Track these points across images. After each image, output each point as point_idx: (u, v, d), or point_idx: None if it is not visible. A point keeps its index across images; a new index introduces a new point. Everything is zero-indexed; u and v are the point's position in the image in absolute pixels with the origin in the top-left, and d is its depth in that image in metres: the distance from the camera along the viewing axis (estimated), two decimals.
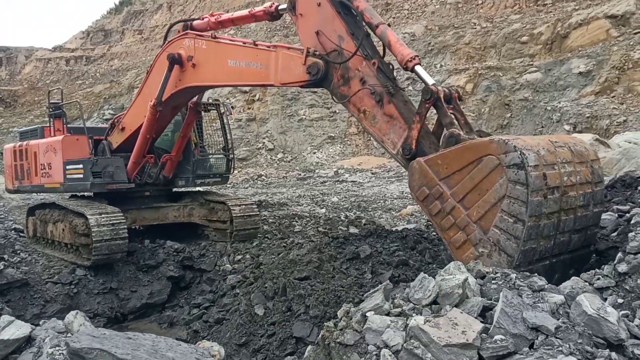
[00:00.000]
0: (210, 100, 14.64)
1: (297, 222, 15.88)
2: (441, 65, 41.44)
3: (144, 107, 11.55)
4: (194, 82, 10.52)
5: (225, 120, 13.83)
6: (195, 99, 12.47)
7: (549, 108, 33.50)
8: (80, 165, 12.31)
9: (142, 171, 12.82)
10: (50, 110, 14.02)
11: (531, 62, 37.45)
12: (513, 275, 5.37)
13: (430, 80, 7.20)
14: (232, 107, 15.41)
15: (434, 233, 11.81)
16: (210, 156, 13.81)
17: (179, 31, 11.00)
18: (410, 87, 40.43)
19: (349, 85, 7.78)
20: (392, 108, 7.47)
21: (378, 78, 7.57)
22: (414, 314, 4.77)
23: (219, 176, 13.98)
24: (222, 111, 13.78)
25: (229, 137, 13.82)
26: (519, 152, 5.81)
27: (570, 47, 36.48)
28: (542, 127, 33.10)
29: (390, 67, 7.91)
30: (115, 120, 13.02)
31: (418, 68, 7.33)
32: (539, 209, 5.92)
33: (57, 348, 4.47)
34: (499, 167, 5.96)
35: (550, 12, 42.73)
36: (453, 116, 7.12)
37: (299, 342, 7.72)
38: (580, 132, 28.48)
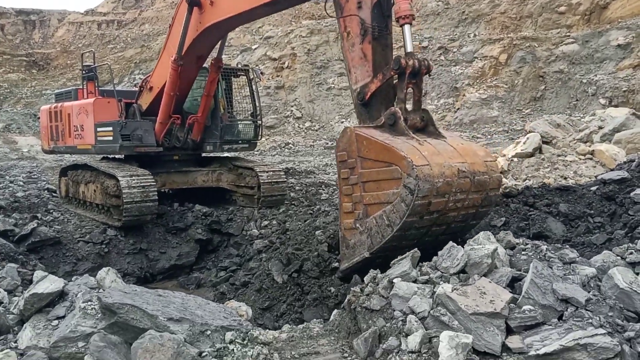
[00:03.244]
0: (240, 66, 14.57)
1: (323, 190, 15.87)
2: (475, 35, 40.57)
3: (169, 64, 11.57)
4: (214, 19, 10.38)
5: (254, 87, 13.77)
6: (216, 54, 12.38)
7: (584, 81, 32.64)
8: (110, 128, 12.44)
9: (170, 134, 12.88)
10: (84, 73, 14.13)
11: (568, 33, 36.40)
12: (544, 247, 5.31)
13: (409, 47, 7.35)
14: (262, 74, 15.25)
15: None
16: (238, 122, 13.78)
17: None
18: (442, 57, 39.79)
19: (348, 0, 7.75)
20: (369, 50, 7.61)
21: (372, 13, 7.56)
22: (441, 282, 4.75)
23: (246, 142, 13.97)
24: (252, 77, 13.72)
25: (257, 104, 13.76)
26: (416, 182, 6.46)
27: (609, 18, 35.31)
28: (577, 100, 32.32)
29: (392, 2, 7.73)
30: (144, 82, 13.06)
31: (406, 28, 7.35)
32: (410, 225, 6.77)
33: (89, 303, 4.57)
34: (400, 180, 6.69)
35: None
36: (412, 90, 7.55)
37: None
38: (616, 106, 27.71)
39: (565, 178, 15.03)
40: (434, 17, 44.31)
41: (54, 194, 15.52)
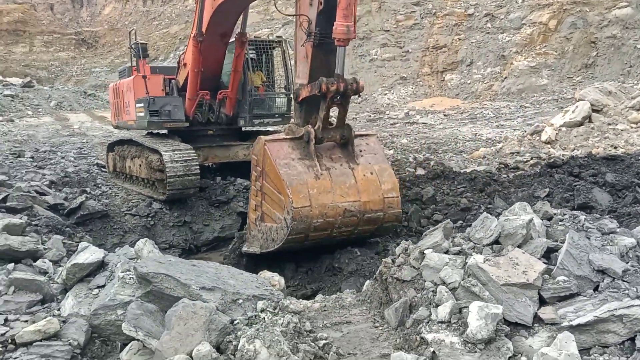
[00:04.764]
0: (272, 39, 14.49)
1: None
2: (522, 0, 39.18)
3: None
4: None
5: (287, 59, 13.65)
6: (239, 28, 12.28)
7: (638, 46, 31.20)
8: (142, 104, 12.68)
9: (201, 109, 13.00)
10: (133, 50, 14.30)
11: None
12: (582, 217, 5.17)
13: (339, 70, 7.39)
14: None
15: (505, 175, 11.51)
16: (269, 95, 13.66)
17: None
18: (488, 24, 38.71)
19: None
20: (310, 53, 7.71)
21: (318, 18, 7.47)
22: (473, 253, 4.70)
23: (280, 116, 13.84)
24: (284, 49, 13.61)
25: (290, 76, 13.62)
26: (292, 221, 7.22)
27: None
28: (630, 66, 30.96)
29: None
30: (181, 58, 13.19)
31: (340, 50, 7.34)
32: (290, 247, 7.72)
33: (127, 272, 4.73)
34: (284, 210, 7.48)
35: None
36: (338, 109, 7.77)
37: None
38: None
39: (615, 147, 14.54)
40: None
41: (102, 169, 16.01)
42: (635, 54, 31.05)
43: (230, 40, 12.22)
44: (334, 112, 7.98)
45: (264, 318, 4.16)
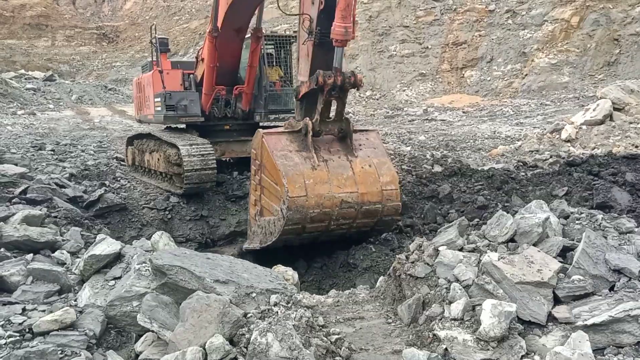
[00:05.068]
0: (290, 33, 14.49)
1: None
2: None
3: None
4: None
5: None
6: (254, 23, 12.26)
7: None
8: (159, 99, 12.78)
9: (217, 104, 13.06)
10: (154, 45, 14.38)
11: None
12: (599, 216, 5.12)
13: (337, 64, 7.41)
14: None
15: (523, 174, 11.41)
16: (285, 90, 13.62)
17: None
18: (510, 20, 38.33)
19: None
20: (311, 51, 7.78)
21: (319, 17, 7.55)
22: (488, 251, 4.68)
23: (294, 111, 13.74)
24: None
25: None
26: (287, 211, 7.29)
27: None
28: None
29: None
30: (199, 53, 13.25)
31: (337, 49, 7.39)
32: (287, 239, 7.78)
33: (143, 264, 4.79)
34: (281, 200, 7.52)
35: None
36: (337, 102, 7.87)
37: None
38: None
39: (636, 146, 14.35)
40: None
41: (122, 163, 16.18)
42: None
43: (247, 36, 12.23)
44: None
45: (277, 312, 4.18)
